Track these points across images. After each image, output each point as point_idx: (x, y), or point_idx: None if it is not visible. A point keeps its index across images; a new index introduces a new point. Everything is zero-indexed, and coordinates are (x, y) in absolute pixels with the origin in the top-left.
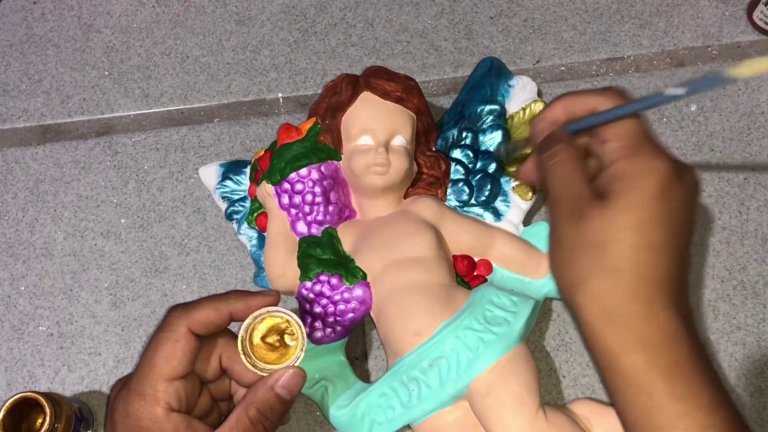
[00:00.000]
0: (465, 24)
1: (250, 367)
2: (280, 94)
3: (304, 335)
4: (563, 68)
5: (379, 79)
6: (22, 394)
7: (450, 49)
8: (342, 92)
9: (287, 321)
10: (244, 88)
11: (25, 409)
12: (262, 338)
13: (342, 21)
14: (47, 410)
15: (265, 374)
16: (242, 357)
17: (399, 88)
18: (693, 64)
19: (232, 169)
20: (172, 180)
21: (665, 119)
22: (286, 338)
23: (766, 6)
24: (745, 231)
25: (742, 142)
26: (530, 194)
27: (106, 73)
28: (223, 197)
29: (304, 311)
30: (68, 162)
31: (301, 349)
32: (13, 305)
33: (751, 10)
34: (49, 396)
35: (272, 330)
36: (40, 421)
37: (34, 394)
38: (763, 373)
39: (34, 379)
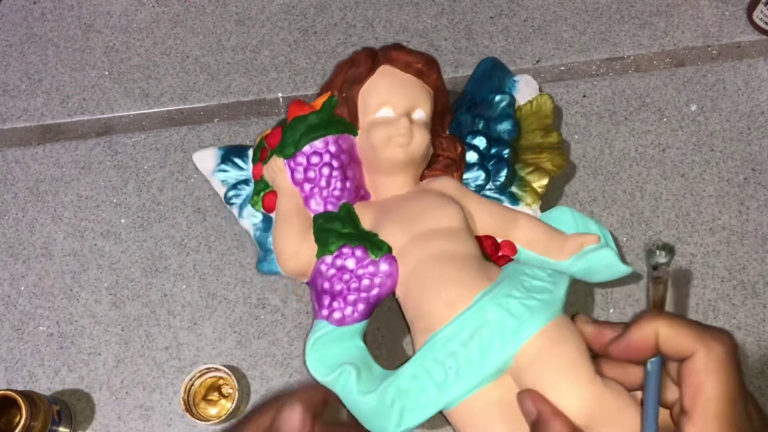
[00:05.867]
0: (465, 24)
1: (196, 422)
2: (280, 94)
3: (236, 389)
4: (563, 68)
5: (399, 51)
6: (0, 392)
7: (450, 49)
8: (361, 64)
9: (221, 378)
10: (244, 88)
11: (5, 405)
12: (204, 396)
13: (342, 21)
14: (23, 411)
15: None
16: (187, 415)
17: (420, 60)
18: (693, 64)
19: (231, 152)
20: (172, 180)
21: (665, 119)
22: (223, 391)
23: (766, 6)
24: (745, 231)
25: (742, 142)
26: (546, 179)
27: (106, 73)
28: (222, 181)
29: (322, 291)
30: (68, 162)
31: (233, 403)
32: (13, 305)
33: (751, 10)
34: (28, 395)
35: (210, 388)
36: (17, 419)
37: (11, 393)
38: (763, 373)
39: (34, 379)
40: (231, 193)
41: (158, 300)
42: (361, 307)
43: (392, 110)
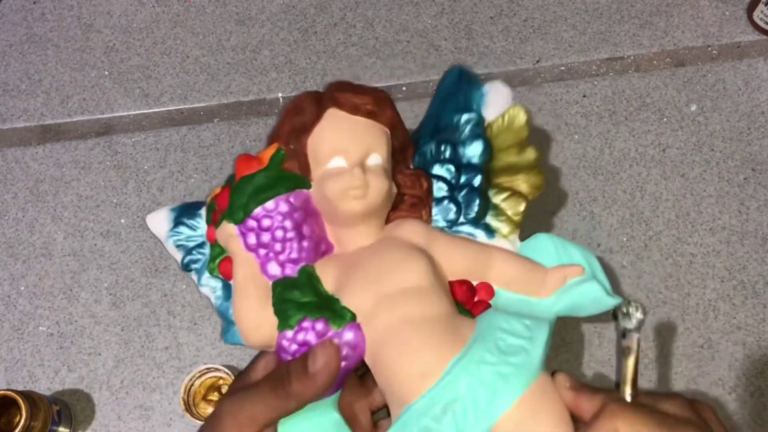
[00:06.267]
0: (465, 24)
1: (196, 422)
2: (280, 94)
3: None
4: (563, 68)
5: (345, 93)
6: (1, 392)
7: (450, 49)
8: (305, 111)
9: (221, 378)
10: (244, 88)
11: (5, 405)
12: (204, 397)
13: (342, 21)
14: (23, 411)
15: None
16: (187, 415)
17: (369, 100)
18: (693, 64)
19: (184, 213)
20: (172, 180)
21: (665, 119)
22: (223, 391)
23: (766, 6)
24: (745, 231)
25: (742, 142)
26: (523, 205)
27: (106, 73)
28: (177, 246)
29: None
30: (68, 162)
31: None
32: (13, 305)
33: (751, 10)
34: (28, 395)
35: (210, 388)
36: (17, 419)
37: (12, 393)
38: (763, 373)
39: (34, 379)
40: (187, 259)
41: (158, 300)
42: None
43: (345, 159)
